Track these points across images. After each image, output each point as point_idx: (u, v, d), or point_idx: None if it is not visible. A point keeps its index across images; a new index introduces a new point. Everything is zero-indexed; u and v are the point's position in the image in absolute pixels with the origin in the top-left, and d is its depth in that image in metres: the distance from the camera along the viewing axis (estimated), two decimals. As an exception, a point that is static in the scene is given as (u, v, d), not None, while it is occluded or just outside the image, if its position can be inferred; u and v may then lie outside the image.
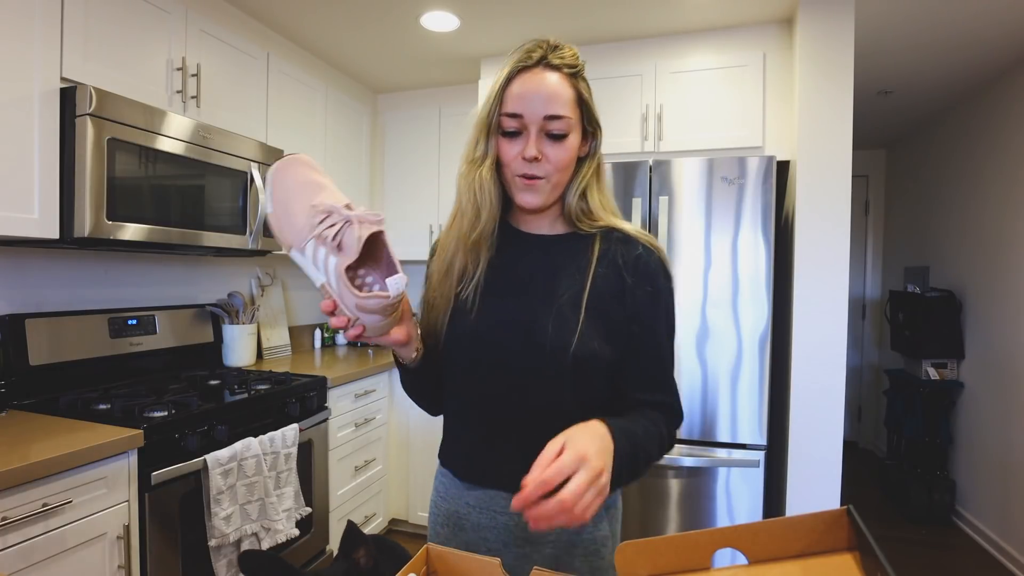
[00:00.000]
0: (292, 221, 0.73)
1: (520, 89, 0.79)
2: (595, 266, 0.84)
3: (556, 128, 0.79)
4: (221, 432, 1.64)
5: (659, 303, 0.85)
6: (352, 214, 0.72)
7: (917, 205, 3.87)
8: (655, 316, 0.84)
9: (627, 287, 0.83)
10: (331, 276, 0.73)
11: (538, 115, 0.79)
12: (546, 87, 0.79)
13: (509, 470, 0.79)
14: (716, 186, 2.06)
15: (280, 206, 0.74)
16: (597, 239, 0.86)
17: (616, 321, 0.83)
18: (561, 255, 0.87)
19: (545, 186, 0.82)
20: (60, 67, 1.55)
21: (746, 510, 2.04)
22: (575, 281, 0.84)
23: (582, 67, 0.83)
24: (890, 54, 2.63)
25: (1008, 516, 2.71)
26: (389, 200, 3.23)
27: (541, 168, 0.81)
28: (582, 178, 0.86)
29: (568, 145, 0.81)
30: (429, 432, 2.73)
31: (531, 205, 0.83)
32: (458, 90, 3.12)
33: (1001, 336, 2.81)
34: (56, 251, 1.84)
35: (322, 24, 2.45)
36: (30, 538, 1.20)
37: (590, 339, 0.80)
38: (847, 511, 0.42)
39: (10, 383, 1.63)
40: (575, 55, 0.83)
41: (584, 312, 0.81)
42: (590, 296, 0.82)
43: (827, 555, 0.43)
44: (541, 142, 0.80)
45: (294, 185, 0.75)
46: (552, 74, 0.80)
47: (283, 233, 0.74)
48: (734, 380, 2.05)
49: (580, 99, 0.82)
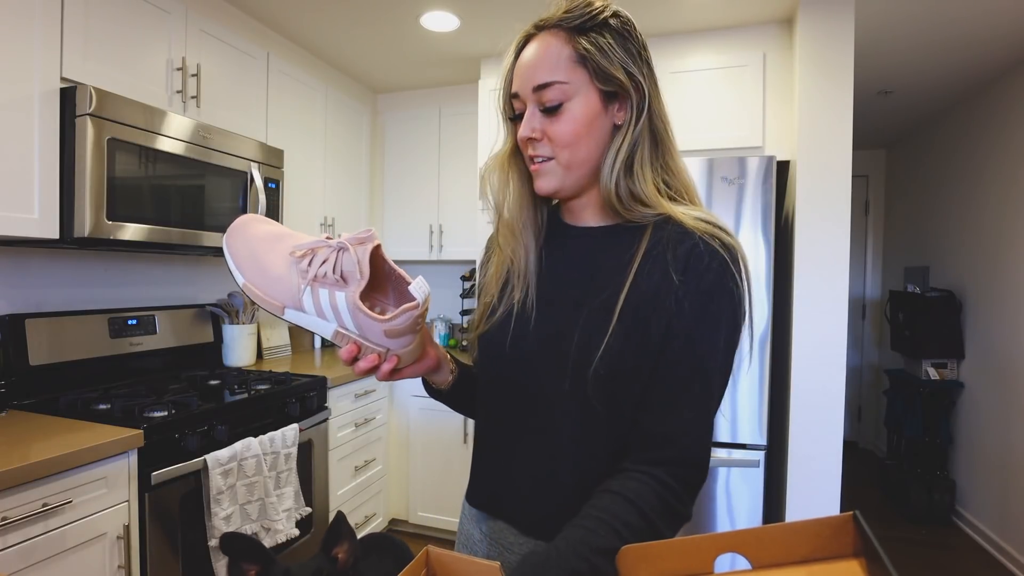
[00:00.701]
0: (274, 279, 0.64)
1: (518, 64, 0.71)
2: (639, 263, 0.68)
3: (548, 99, 0.68)
4: (221, 432, 1.64)
5: (707, 308, 0.65)
6: (339, 241, 0.63)
7: (917, 205, 3.87)
8: (697, 323, 0.65)
9: (674, 288, 0.66)
10: (344, 315, 0.63)
11: (528, 87, 0.69)
12: (532, 55, 0.69)
13: (519, 502, 0.73)
14: (716, 186, 2.06)
15: (252, 270, 0.65)
16: (649, 230, 0.70)
17: (654, 333, 0.66)
18: (603, 251, 0.72)
19: (555, 168, 0.70)
20: (60, 67, 1.55)
21: (746, 510, 2.04)
22: (612, 282, 0.69)
23: (596, 15, 0.68)
24: (890, 54, 2.63)
25: (1008, 516, 2.71)
26: (389, 200, 3.23)
27: (543, 148, 0.70)
28: (616, 152, 0.69)
29: (568, 116, 0.68)
30: (429, 432, 2.73)
31: (545, 191, 0.72)
32: (458, 90, 3.11)
33: (1001, 336, 2.81)
34: (56, 251, 1.84)
35: (322, 24, 2.45)
36: (30, 538, 1.20)
37: (620, 353, 0.65)
38: (853, 516, 0.42)
39: (10, 383, 1.63)
40: (589, 4, 0.68)
41: (616, 319, 0.66)
42: (627, 300, 0.67)
43: (832, 561, 0.42)
44: (536, 118, 0.69)
45: (257, 243, 0.66)
46: (546, 37, 0.69)
47: (269, 296, 0.64)
48: (734, 380, 2.05)
49: (582, 56, 0.67)
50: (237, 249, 0.65)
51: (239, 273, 0.65)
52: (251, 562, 0.70)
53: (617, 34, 0.68)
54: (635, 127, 0.69)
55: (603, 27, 0.68)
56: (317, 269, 0.62)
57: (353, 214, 3.01)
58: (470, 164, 2.98)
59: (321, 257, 0.62)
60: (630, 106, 0.69)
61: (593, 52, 0.67)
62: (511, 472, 0.74)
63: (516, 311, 0.74)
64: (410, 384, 2.72)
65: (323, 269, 0.62)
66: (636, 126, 0.69)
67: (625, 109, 0.70)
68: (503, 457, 0.75)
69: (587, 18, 0.67)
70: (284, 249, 0.65)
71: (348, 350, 0.64)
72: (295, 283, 0.63)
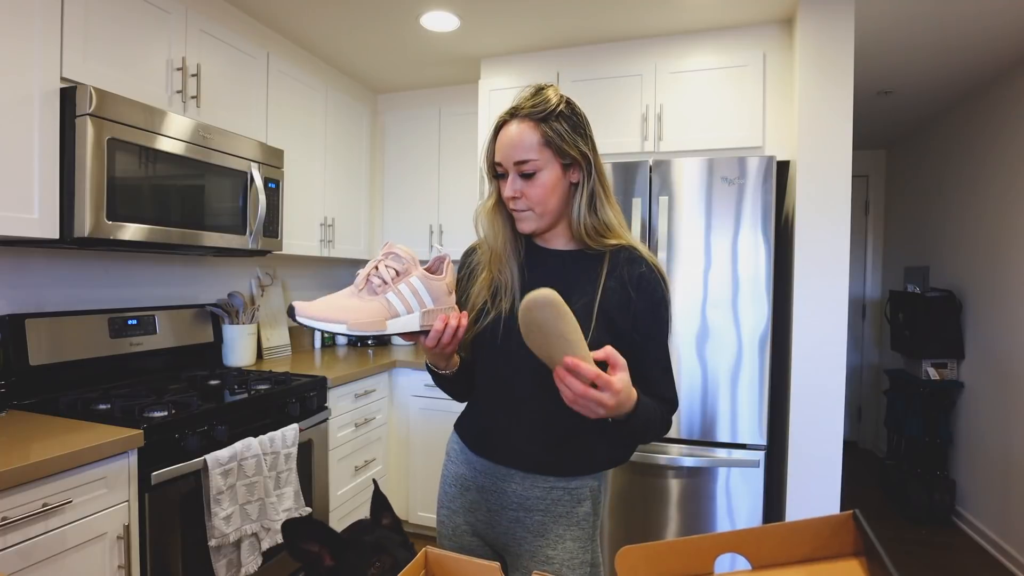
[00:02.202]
0: (366, 311, 0.80)
1: (499, 142, 0.98)
2: (604, 280, 0.99)
3: (526, 169, 0.95)
4: (221, 432, 1.64)
5: (658, 315, 1.00)
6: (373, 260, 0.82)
7: (917, 205, 3.87)
8: (655, 326, 1.00)
9: (632, 301, 0.98)
10: (423, 294, 0.83)
11: (509, 161, 0.96)
12: (512, 137, 0.96)
13: (518, 450, 1.02)
14: (716, 186, 2.06)
15: (345, 315, 0.80)
16: (607, 257, 1.01)
17: (621, 328, 0.98)
18: (575, 270, 1.02)
19: (532, 215, 0.99)
20: (60, 67, 1.55)
21: (746, 510, 2.04)
22: (587, 292, 0.98)
23: (553, 108, 0.95)
24: (890, 54, 2.62)
25: (1008, 516, 2.71)
26: (389, 200, 3.23)
27: (523, 203, 0.98)
28: (578, 202, 0.99)
29: (540, 181, 0.96)
30: (429, 432, 2.72)
31: (526, 231, 1.01)
32: (458, 90, 3.11)
33: (1001, 336, 2.81)
34: (56, 251, 1.84)
35: (322, 24, 2.45)
36: (30, 538, 1.20)
37: (600, 341, 0.91)
38: (853, 515, 0.42)
39: (10, 383, 1.63)
40: (547, 100, 0.95)
41: (595, 319, 0.95)
42: (600, 306, 0.97)
43: (832, 560, 0.42)
44: (517, 182, 0.97)
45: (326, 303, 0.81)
46: (520, 124, 0.95)
47: (373, 320, 0.81)
48: (734, 380, 2.05)
49: (548, 140, 0.95)
50: (319, 313, 0.80)
51: (337, 324, 0.80)
52: (313, 542, 0.72)
53: (568, 119, 0.96)
54: (588, 183, 0.99)
55: (559, 116, 0.96)
56: (388, 276, 0.81)
57: (353, 214, 3.01)
58: (470, 164, 2.98)
59: (376, 274, 0.80)
60: (581, 170, 0.99)
61: (554, 137, 0.95)
62: (515, 429, 1.02)
63: (505, 316, 1.00)
64: (410, 384, 2.72)
65: (386, 276, 0.81)
66: (588, 182, 0.99)
67: (577, 173, 0.99)
68: (507, 417, 1.03)
69: (548, 112, 0.95)
70: (346, 294, 0.82)
71: (441, 319, 0.88)
72: (379, 300, 0.81)
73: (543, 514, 1.01)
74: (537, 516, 1.01)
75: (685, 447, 2.10)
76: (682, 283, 2.10)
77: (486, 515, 1.06)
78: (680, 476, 2.10)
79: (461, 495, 1.09)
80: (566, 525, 1.01)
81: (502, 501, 1.04)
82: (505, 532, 1.04)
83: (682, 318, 2.10)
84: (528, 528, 1.02)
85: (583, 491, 1.03)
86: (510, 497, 1.03)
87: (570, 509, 1.02)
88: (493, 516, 1.05)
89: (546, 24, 2.41)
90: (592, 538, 1.04)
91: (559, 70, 2.61)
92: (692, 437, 2.10)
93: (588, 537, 1.03)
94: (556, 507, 1.01)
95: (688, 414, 2.10)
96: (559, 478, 1.02)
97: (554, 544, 1.01)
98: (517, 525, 1.03)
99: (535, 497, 1.02)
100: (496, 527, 1.05)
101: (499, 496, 1.04)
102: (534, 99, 0.96)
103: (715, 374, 2.07)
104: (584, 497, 1.03)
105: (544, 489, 1.01)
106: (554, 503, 1.01)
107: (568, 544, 1.01)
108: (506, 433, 1.03)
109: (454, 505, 1.11)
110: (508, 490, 1.03)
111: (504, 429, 1.04)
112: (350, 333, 0.80)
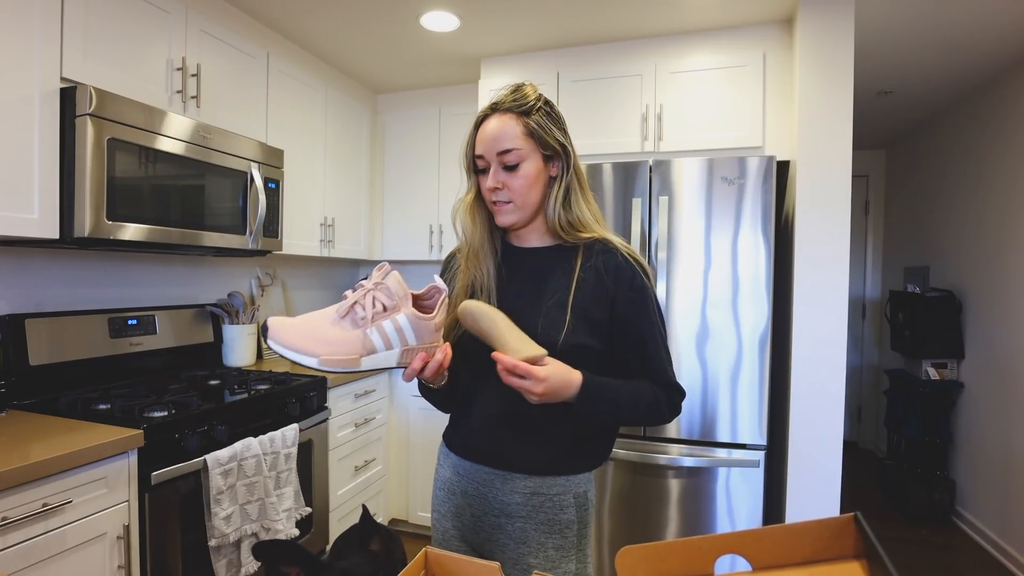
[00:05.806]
0: (340, 342, 0.76)
1: (480, 135, 0.99)
2: (578, 273, 1.00)
3: (509, 160, 0.97)
4: (221, 432, 1.64)
5: (644, 302, 1.00)
6: (362, 288, 0.76)
7: (917, 205, 3.87)
8: (643, 315, 1.00)
9: (608, 291, 0.99)
10: (407, 332, 0.78)
11: (492, 152, 0.97)
12: (495, 129, 0.97)
13: (500, 451, 1.02)
14: (716, 186, 2.06)
15: (319, 347, 0.75)
16: (580, 250, 1.02)
17: (598, 319, 0.99)
18: (549, 265, 1.03)
19: (512, 208, 1.00)
20: (60, 67, 1.55)
21: (746, 510, 2.04)
22: (561, 286, 1.00)
23: (534, 104, 0.98)
24: (890, 54, 2.62)
25: (1008, 516, 2.71)
26: (389, 200, 3.23)
27: (504, 195, 0.99)
28: (554, 195, 1.01)
29: (523, 172, 0.97)
30: (429, 432, 2.72)
31: (505, 224, 1.03)
32: (458, 90, 3.11)
33: (1001, 336, 2.81)
34: (56, 251, 1.84)
35: (322, 24, 2.45)
36: (30, 538, 1.20)
37: (576, 333, 0.96)
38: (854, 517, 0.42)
39: (10, 383, 1.63)
40: (526, 96, 0.98)
41: (570, 312, 0.97)
42: (575, 299, 0.98)
43: (833, 563, 0.42)
44: (500, 173, 0.98)
45: (303, 328, 0.77)
46: (502, 116, 0.98)
47: (346, 356, 0.76)
48: (734, 380, 2.05)
49: (530, 131, 0.97)
50: (292, 341, 0.76)
51: (308, 357, 0.75)
52: (289, 564, 0.70)
53: (547, 115, 0.99)
54: (566, 177, 1.01)
55: (539, 111, 0.99)
56: (371, 311, 0.76)
57: (353, 214, 3.01)
58: (470, 164, 2.98)
59: (361, 304, 0.75)
60: (560, 164, 1.01)
61: (537, 129, 0.97)
62: (497, 432, 1.02)
63: None
64: (410, 384, 2.72)
65: (375, 309, 0.76)
66: (566, 176, 1.01)
67: (557, 166, 1.01)
68: (488, 420, 1.03)
69: (529, 105, 0.98)
70: (326, 319, 0.77)
71: (420, 358, 0.86)
72: (357, 334, 0.76)
73: (524, 521, 1.01)
74: (518, 523, 1.01)
75: (685, 447, 2.10)
76: (682, 283, 2.10)
77: (471, 520, 1.06)
78: (680, 476, 2.10)
79: (448, 499, 1.09)
80: (547, 533, 1.00)
81: (484, 507, 1.03)
82: (489, 538, 1.04)
83: (682, 318, 2.10)
84: (510, 535, 1.01)
85: (566, 498, 1.01)
86: (491, 503, 1.02)
87: (552, 516, 1.00)
88: (477, 521, 1.05)
89: (546, 24, 2.40)
90: (578, 547, 1.02)
91: (559, 70, 2.61)
92: (692, 437, 2.10)
93: (572, 546, 1.02)
94: (537, 514, 1.00)
95: (688, 414, 2.10)
96: (540, 480, 1.00)
97: (536, 552, 1.00)
98: (499, 531, 1.02)
99: (515, 503, 1.00)
100: (480, 532, 1.05)
101: (482, 501, 1.04)
102: (514, 95, 0.99)
103: (715, 374, 2.07)
104: (567, 504, 1.02)
105: (524, 495, 1.00)
106: (535, 510, 1.00)
107: (550, 552, 1.00)
108: (482, 432, 1.03)
109: (443, 509, 1.10)
110: (490, 496, 1.02)
111: (481, 428, 1.04)
112: (321, 368, 0.76)
